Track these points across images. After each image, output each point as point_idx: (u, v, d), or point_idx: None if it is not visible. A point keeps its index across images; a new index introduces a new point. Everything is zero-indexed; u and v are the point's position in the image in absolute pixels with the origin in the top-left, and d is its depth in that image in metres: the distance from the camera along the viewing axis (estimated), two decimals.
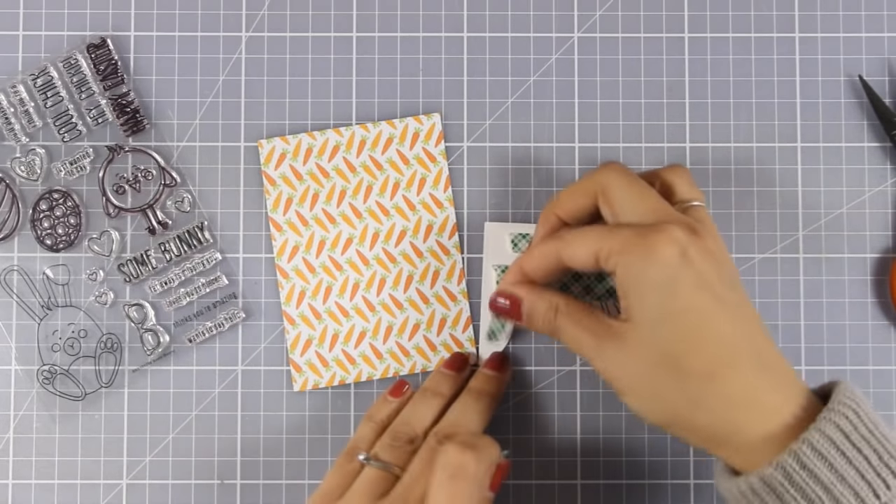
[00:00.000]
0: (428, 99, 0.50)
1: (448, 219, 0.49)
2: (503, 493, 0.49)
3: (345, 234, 0.49)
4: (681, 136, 0.50)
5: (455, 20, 0.51)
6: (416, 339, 0.49)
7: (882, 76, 0.50)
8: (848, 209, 0.50)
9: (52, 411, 0.49)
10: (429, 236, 0.49)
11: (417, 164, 0.49)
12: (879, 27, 0.51)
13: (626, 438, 0.49)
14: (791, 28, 0.51)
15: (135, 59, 0.50)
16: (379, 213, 0.49)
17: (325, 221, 0.49)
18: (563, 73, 0.50)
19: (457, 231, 0.49)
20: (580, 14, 0.51)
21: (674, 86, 0.50)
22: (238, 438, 0.49)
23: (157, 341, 0.49)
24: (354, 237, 0.49)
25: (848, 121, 0.50)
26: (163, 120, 0.50)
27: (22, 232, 0.50)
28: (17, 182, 0.50)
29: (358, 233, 0.49)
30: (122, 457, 0.49)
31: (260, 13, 0.50)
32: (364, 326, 0.49)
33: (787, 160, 0.50)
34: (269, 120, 0.50)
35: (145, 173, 0.50)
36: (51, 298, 0.49)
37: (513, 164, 0.50)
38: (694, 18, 0.51)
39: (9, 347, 0.49)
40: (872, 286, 0.50)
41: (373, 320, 0.49)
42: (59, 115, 0.49)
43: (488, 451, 0.39)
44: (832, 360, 0.49)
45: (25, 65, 0.50)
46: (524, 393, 0.49)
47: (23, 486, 0.49)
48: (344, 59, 0.50)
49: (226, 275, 0.49)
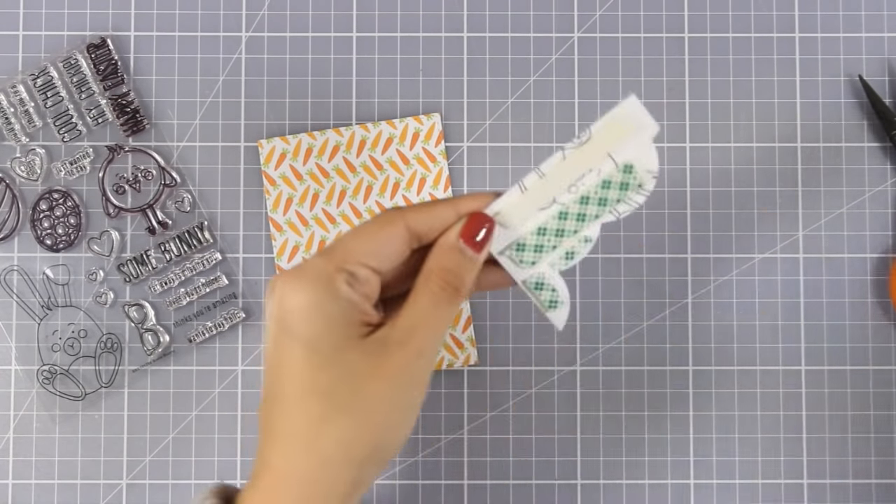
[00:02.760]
0: (428, 99, 0.50)
1: None
2: (503, 493, 0.49)
3: None
4: (681, 136, 0.50)
5: (455, 20, 0.51)
6: None
7: (882, 76, 0.50)
8: (848, 209, 0.50)
9: (52, 411, 0.49)
10: None
11: (417, 164, 0.49)
12: (879, 27, 0.51)
13: (626, 438, 0.49)
14: (791, 28, 0.51)
15: (135, 59, 0.50)
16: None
17: (325, 221, 0.49)
18: (563, 73, 0.50)
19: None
20: (580, 14, 0.51)
21: (674, 86, 0.50)
22: (238, 438, 0.49)
23: (157, 341, 0.49)
24: None
25: (848, 121, 0.50)
26: (163, 120, 0.50)
27: (22, 232, 0.50)
28: (17, 182, 0.50)
29: None
30: (122, 457, 0.49)
31: (260, 13, 0.50)
32: None
33: (787, 160, 0.50)
34: (269, 120, 0.50)
35: (145, 173, 0.50)
36: (51, 298, 0.49)
37: (513, 164, 0.50)
38: (694, 18, 0.51)
39: (9, 347, 0.49)
40: (872, 286, 0.50)
41: None
42: (59, 115, 0.49)
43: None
44: (832, 360, 0.49)
45: (25, 65, 0.50)
46: (524, 393, 0.49)
47: (23, 486, 0.49)
48: (344, 59, 0.50)
49: (226, 275, 0.49)
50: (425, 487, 0.49)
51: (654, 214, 0.50)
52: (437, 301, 0.34)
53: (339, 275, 0.33)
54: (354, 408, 0.33)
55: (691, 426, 0.49)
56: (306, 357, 0.33)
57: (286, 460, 0.33)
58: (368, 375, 0.33)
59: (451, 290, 0.35)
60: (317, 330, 0.33)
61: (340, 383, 0.33)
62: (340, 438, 0.33)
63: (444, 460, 0.49)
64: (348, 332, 0.33)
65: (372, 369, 0.33)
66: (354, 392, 0.33)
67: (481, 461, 0.49)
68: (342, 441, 0.33)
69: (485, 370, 0.49)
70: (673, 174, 0.50)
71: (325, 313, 0.33)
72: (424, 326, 0.34)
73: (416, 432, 0.49)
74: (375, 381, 0.33)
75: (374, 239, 0.34)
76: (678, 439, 0.49)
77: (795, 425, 0.49)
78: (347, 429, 0.33)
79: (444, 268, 0.35)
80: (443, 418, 0.49)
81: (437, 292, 0.35)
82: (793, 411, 0.49)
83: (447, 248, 0.35)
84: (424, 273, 0.35)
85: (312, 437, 0.33)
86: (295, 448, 0.33)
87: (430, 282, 0.35)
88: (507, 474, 0.49)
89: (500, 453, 0.49)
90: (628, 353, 0.49)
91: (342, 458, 0.33)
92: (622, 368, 0.49)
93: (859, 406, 0.49)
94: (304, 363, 0.33)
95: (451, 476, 0.49)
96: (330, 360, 0.33)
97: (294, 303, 0.33)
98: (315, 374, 0.33)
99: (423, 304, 0.34)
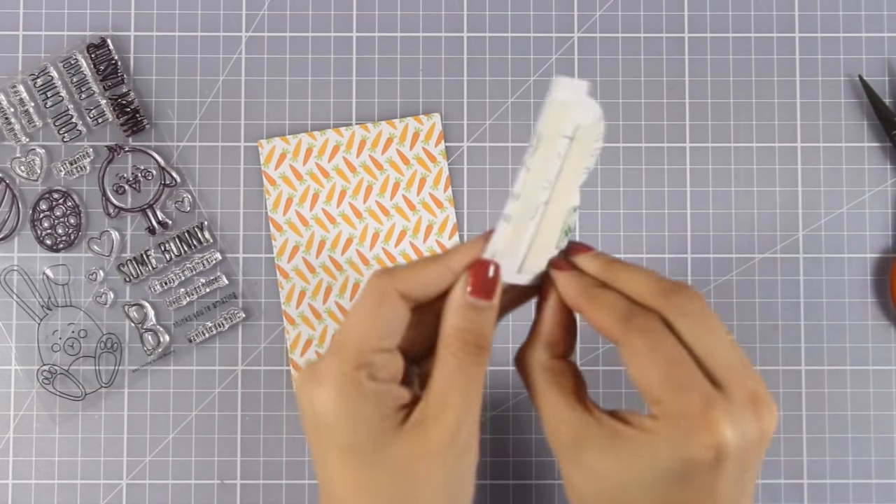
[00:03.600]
0: (428, 99, 0.50)
1: (448, 219, 0.49)
2: (503, 493, 0.49)
3: (345, 234, 0.49)
4: (681, 136, 0.50)
5: (455, 20, 0.51)
6: None
7: (882, 76, 0.50)
8: (848, 209, 0.50)
9: (52, 411, 0.49)
10: (429, 236, 0.49)
11: (417, 164, 0.49)
12: (879, 27, 0.51)
13: None
14: (791, 28, 0.51)
15: (135, 59, 0.50)
16: (379, 213, 0.49)
17: (325, 221, 0.49)
18: (563, 73, 0.50)
19: (457, 231, 0.49)
20: (580, 14, 0.51)
21: (674, 86, 0.50)
22: (238, 438, 0.49)
23: (157, 341, 0.49)
24: (354, 237, 0.49)
25: (848, 121, 0.50)
26: (163, 120, 0.50)
27: (22, 232, 0.50)
28: (17, 182, 0.50)
29: (358, 233, 0.49)
30: (122, 457, 0.49)
31: (260, 13, 0.50)
32: None
33: (787, 160, 0.50)
34: (269, 120, 0.50)
35: (145, 173, 0.50)
36: (51, 298, 0.49)
37: (513, 165, 0.50)
38: (694, 18, 0.51)
39: (9, 347, 0.49)
40: (872, 286, 0.50)
41: None
42: (59, 115, 0.49)
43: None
44: (832, 360, 0.49)
45: (25, 65, 0.50)
46: (524, 393, 0.49)
47: (23, 486, 0.49)
48: (344, 59, 0.50)
49: (226, 275, 0.49)
50: None
51: (654, 214, 0.50)
52: (461, 364, 0.33)
53: (359, 373, 0.32)
54: (409, 500, 0.32)
55: None
56: (351, 461, 0.32)
57: None
58: (414, 464, 0.32)
59: (472, 348, 0.33)
60: (355, 436, 0.32)
61: (387, 483, 0.32)
62: None
63: None
64: (384, 427, 0.32)
65: (417, 456, 0.32)
66: (405, 485, 0.32)
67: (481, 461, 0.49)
68: None
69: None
70: (673, 174, 0.50)
71: (358, 417, 0.32)
72: (455, 393, 0.33)
73: None
74: (422, 471, 0.32)
75: (376, 320, 0.33)
76: None
77: (795, 425, 0.49)
78: None
79: (460, 328, 0.33)
80: None
81: (459, 355, 0.33)
82: (793, 411, 0.49)
83: (459, 308, 0.33)
84: (443, 339, 0.33)
85: None
86: None
87: (450, 346, 0.33)
88: (507, 474, 0.49)
89: (500, 453, 0.49)
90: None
91: None
92: (622, 368, 0.49)
93: (859, 406, 0.49)
94: (350, 467, 0.33)
95: None
96: (374, 461, 0.32)
97: (325, 409, 0.32)
98: (362, 476, 0.32)
99: (448, 370, 0.33)
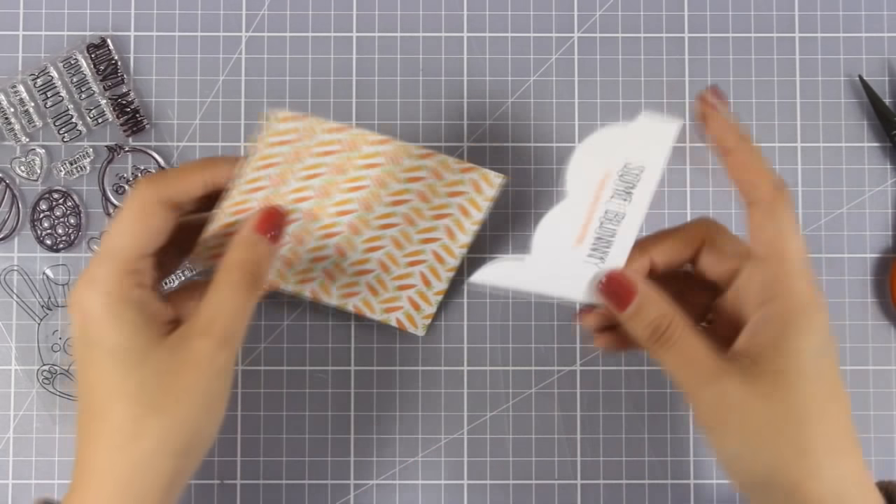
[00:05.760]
0: (428, 99, 0.50)
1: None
2: (503, 493, 0.49)
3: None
4: (681, 136, 0.50)
5: (455, 20, 0.51)
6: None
7: (882, 76, 0.50)
8: (848, 209, 0.50)
9: (52, 411, 0.49)
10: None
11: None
12: (879, 27, 0.51)
13: (626, 438, 0.49)
14: (791, 28, 0.51)
15: (135, 59, 0.50)
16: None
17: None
18: (563, 73, 0.50)
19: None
20: (580, 14, 0.51)
21: (674, 86, 0.50)
22: (238, 438, 0.49)
23: None
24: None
25: (848, 121, 0.50)
26: (163, 120, 0.50)
27: (22, 232, 0.50)
28: (17, 182, 0.50)
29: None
30: None
31: (260, 13, 0.50)
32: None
33: (787, 160, 0.50)
34: None
35: (145, 173, 0.50)
36: (51, 298, 0.49)
37: (513, 165, 0.50)
38: (694, 18, 0.51)
39: (9, 347, 0.49)
40: (872, 286, 0.50)
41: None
42: (59, 115, 0.49)
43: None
44: None
45: (25, 65, 0.50)
46: (524, 393, 0.49)
47: (23, 486, 0.49)
48: (344, 59, 0.50)
49: None
50: (425, 487, 0.49)
51: (653, 214, 0.50)
52: (236, 291, 0.36)
53: (127, 279, 0.36)
54: (165, 404, 0.34)
55: (691, 426, 0.49)
56: (113, 365, 0.35)
57: (104, 463, 0.35)
58: (175, 371, 0.35)
59: (250, 277, 0.37)
60: (119, 338, 0.35)
61: (149, 383, 0.34)
62: (155, 436, 0.34)
63: (444, 460, 0.49)
64: (149, 333, 0.35)
65: (178, 364, 0.35)
66: (164, 389, 0.34)
67: (481, 461, 0.49)
68: (157, 438, 0.34)
69: (485, 370, 0.49)
70: (673, 174, 0.50)
71: (125, 319, 0.35)
72: (225, 315, 0.36)
73: (416, 432, 0.49)
74: (183, 375, 0.34)
75: (144, 228, 0.36)
76: (678, 439, 0.49)
77: None
78: (161, 427, 0.34)
79: (243, 258, 0.37)
80: (443, 418, 0.49)
81: (237, 282, 0.36)
82: None
83: (246, 241, 0.38)
84: (225, 266, 0.37)
85: (128, 438, 0.34)
86: (111, 450, 0.34)
87: (231, 273, 0.37)
88: (507, 474, 0.49)
89: (500, 453, 0.49)
90: (629, 353, 0.49)
91: (158, 455, 0.34)
92: (622, 368, 0.49)
93: (859, 406, 0.49)
94: (112, 370, 0.35)
95: (451, 476, 0.49)
96: (136, 364, 0.35)
97: (95, 312, 0.35)
98: (124, 379, 0.35)
99: (223, 294, 0.36)
